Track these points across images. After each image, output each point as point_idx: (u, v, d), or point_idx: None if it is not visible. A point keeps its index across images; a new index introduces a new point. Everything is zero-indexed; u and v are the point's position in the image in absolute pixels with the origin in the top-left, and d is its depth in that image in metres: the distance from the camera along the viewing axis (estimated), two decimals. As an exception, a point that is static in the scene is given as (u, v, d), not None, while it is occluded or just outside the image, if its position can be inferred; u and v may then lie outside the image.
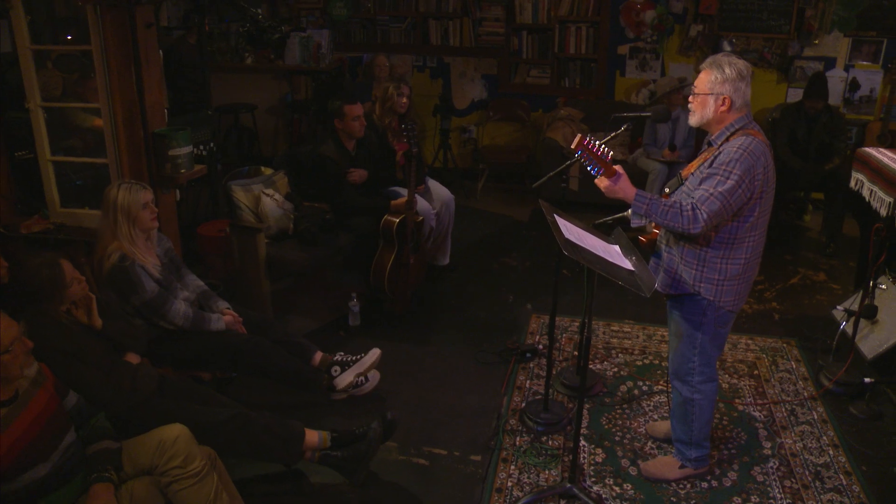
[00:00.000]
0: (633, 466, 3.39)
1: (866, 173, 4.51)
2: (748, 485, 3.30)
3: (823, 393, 3.98)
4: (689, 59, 6.88)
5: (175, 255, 3.64)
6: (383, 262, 4.53)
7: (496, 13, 7.03)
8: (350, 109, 4.54)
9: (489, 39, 7.13)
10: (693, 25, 6.68)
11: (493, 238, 6.24)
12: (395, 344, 4.35)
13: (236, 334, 3.57)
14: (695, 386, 3.11)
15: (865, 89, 6.58)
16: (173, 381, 3.10)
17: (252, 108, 7.27)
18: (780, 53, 6.61)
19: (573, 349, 4.42)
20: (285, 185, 4.69)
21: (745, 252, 2.90)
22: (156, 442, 2.44)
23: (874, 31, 6.41)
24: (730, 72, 2.83)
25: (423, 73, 7.37)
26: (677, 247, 2.98)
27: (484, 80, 7.36)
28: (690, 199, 2.78)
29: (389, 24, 7.24)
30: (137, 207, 3.30)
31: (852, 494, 3.26)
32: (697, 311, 2.98)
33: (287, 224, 4.48)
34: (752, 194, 2.79)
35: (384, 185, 4.92)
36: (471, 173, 7.42)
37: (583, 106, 7.05)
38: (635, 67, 7.03)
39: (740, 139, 2.80)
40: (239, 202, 4.39)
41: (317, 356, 3.76)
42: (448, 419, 3.72)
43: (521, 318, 4.80)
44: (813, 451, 3.54)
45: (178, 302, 3.44)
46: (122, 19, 3.49)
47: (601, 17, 6.88)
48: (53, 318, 2.74)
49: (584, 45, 7.03)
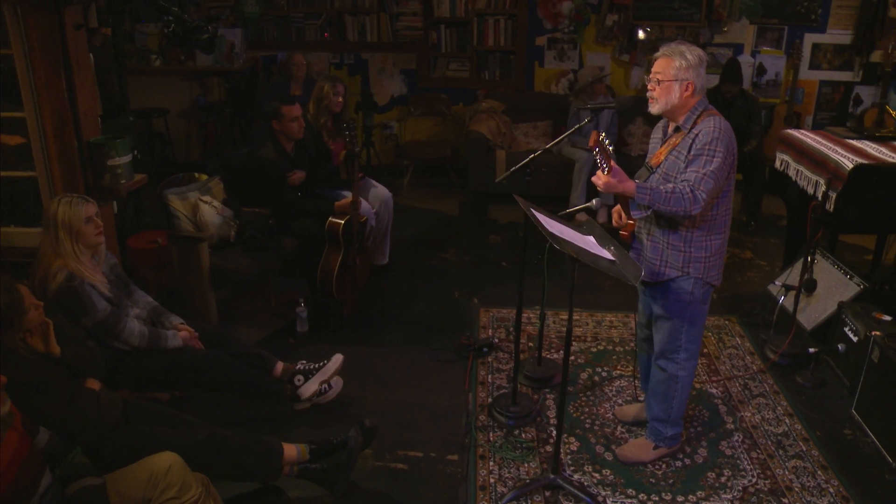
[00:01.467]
0: (608, 452, 3.43)
1: (791, 154, 4.73)
2: (719, 459, 3.40)
3: (771, 366, 4.15)
4: (605, 48, 7.03)
5: (121, 271, 3.43)
6: (330, 265, 4.41)
7: (414, 7, 6.97)
8: (288, 111, 4.40)
9: (407, 34, 7.07)
10: (609, 15, 6.83)
11: (426, 234, 6.19)
12: (349, 348, 4.23)
13: (194, 350, 3.40)
14: (680, 363, 3.18)
15: (771, 74, 6.91)
16: (137, 405, 2.92)
17: (164, 112, 6.94)
18: (692, 41, 6.81)
19: (527, 341, 4.43)
20: (221, 191, 4.50)
21: (723, 226, 3.05)
22: (146, 473, 2.28)
23: (777, 18, 6.73)
24: (691, 58, 2.91)
25: (341, 69, 7.23)
26: (662, 234, 3.04)
27: (403, 76, 7.29)
28: (685, 182, 2.84)
29: (304, 20, 7.06)
30: (80, 222, 3.09)
31: (813, 459, 3.42)
32: (685, 291, 3.06)
33: (228, 231, 4.30)
34: (730, 170, 2.90)
35: (323, 186, 4.79)
36: (394, 170, 7.35)
37: (503, 98, 7.09)
38: (553, 58, 7.13)
39: (710, 120, 2.90)
40: (176, 211, 4.17)
41: (278, 367, 3.62)
42: (417, 420, 3.66)
43: (469, 314, 4.79)
44: (771, 421, 3.69)
45: (132, 320, 3.24)
46: (48, 21, 3.24)
47: (519, 9, 6.93)
48: (9, 349, 2.52)
49: (502, 37, 7.07)
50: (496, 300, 4.97)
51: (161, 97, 7.02)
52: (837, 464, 3.39)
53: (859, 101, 6.95)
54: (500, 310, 4.82)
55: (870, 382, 3.62)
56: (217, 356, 3.40)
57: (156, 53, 6.99)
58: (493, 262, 5.64)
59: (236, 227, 4.28)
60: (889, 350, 3.47)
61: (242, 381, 3.43)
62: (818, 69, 6.90)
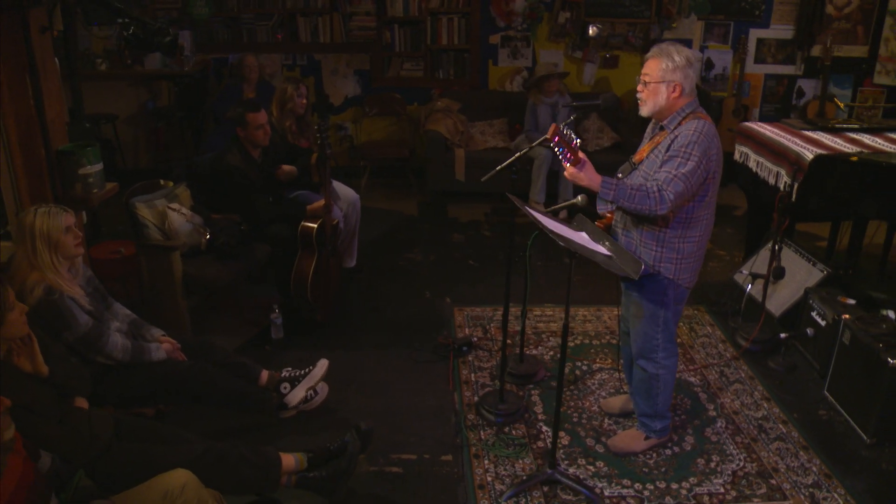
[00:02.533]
0: (599, 444, 3.47)
1: (750, 146, 4.87)
2: (706, 446, 3.48)
3: (743, 352, 4.27)
4: (558, 45, 7.11)
5: (98, 283, 3.31)
6: (304, 270, 4.34)
7: (367, 7, 6.91)
8: (253, 118, 4.31)
9: (361, 34, 7.01)
10: (561, 13, 6.91)
11: (389, 235, 6.16)
12: (328, 353, 4.16)
13: (178, 362, 3.30)
14: (659, 362, 3.23)
15: (719, 68, 7.10)
16: (127, 422, 2.82)
17: (112, 118, 6.72)
18: (643, 37, 6.99)
19: (504, 338, 4.44)
20: (189, 198, 4.38)
21: (699, 230, 3.04)
22: (160, 493, 2.21)
23: (723, 14, 6.92)
24: (679, 59, 2.92)
25: (294, 71, 7.13)
26: (636, 230, 3.07)
27: (357, 76, 7.23)
28: (654, 182, 2.86)
29: (255, 22, 6.93)
30: (59, 232, 2.97)
31: (794, 440, 3.53)
32: (658, 290, 3.09)
33: (199, 239, 4.18)
34: (707, 174, 2.92)
35: (294, 189, 4.72)
36: (350, 171, 7.28)
37: (458, 96, 7.11)
38: (507, 56, 7.18)
39: (693, 122, 2.91)
40: (144, 220, 4.04)
41: (263, 375, 3.56)
42: (406, 422, 3.64)
43: (443, 313, 4.78)
44: (750, 406, 3.80)
45: (115, 334, 3.13)
46: (11, 24, 3.10)
47: (472, 7, 6.95)
48: (-1, 369, 2.41)
49: (456, 35, 7.08)
50: (468, 299, 4.98)
51: (108, 102, 6.80)
52: (817, 443, 3.52)
53: (802, 93, 7.20)
54: (473, 308, 4.83)
55: (841, 364, 3.76)
56: (202, 367, 3.31)
57: (101, 57, 6.77)
58: (460, 260, 5.65)
59: (207, 234, 4.18)
60: (860, 332, 3.60)
61: (228, 392, 3.35)
62: (763, 63, 7.13)
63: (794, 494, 3.17)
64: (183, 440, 2.83)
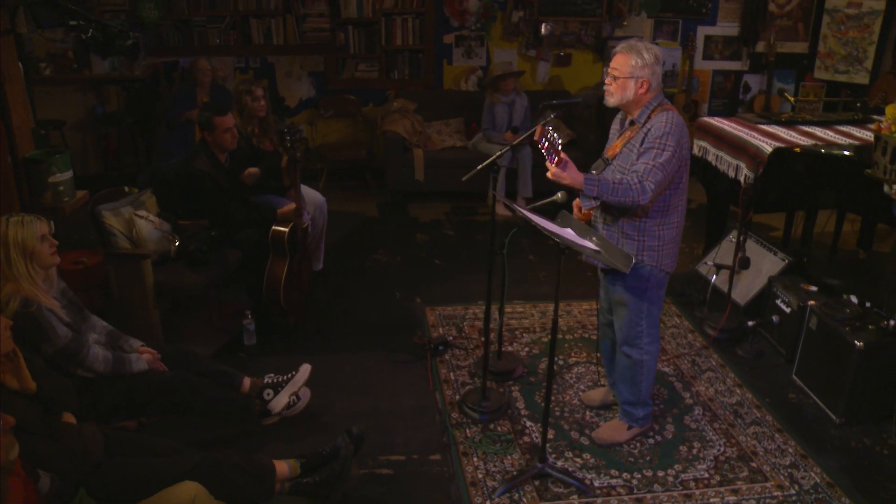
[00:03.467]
0: (584, 437, 3.53)
1: (709, 140, 5.01)
2: (686, 433, 3.57)
3: (712, 341, 4.39)
4: (512, 43, 7.18)
5: (72, 294, 3.21)
6: (277, 275, 4.29)
7: (320, 9, 6.85)
8: (221, 122, 4.23)
9: (315, 36, 6.94)
10: (514, 12, 6.97)
11: (352, 237, 6.13)
12: (303, 357, 4.09)
13: (159, 373, 3.23)
14: (644, 348, 3.31)
15: (668, 65, 7.26)
16: (116, 436, 2.75)
17: (59, 124, 6.51)
18: (595, 35, 7.11)
19: (479, 336, 4.48)
20: (155, 205, 4.28)
21: (677, 217, 3.16)
22: (169, 506, 2.16)
23: (672, 12, 7.09)
24: (648, 57, 3.03)
25: (247, 73, 7.02)
26: (616, 223, 3.15)
27: (311, 78, 7.17)
28: (634, 173, 2.95)
29: (206, 24, 6.80)
30: (35, 241, 2.88)
31: (768, 424, 3.65)
32: (642, 278, 3.17)
33: (168, 246, 4.09)
34: (681, 162, 3.04)
35: (260, 194, 4.66)
36: (306, 174, 7.18)
37: (414, 97, 7.10)
38: (461, 55, 7.21)
39: (664, 114, 3.03)
40: (112, 228, 3.94)
41: (245, 382, 3.50)
42: (390, 424, 3.63)
43: (415, 313, 4.79)
44: (724, 393, 3.91)
45: (94, 346, 3.04)
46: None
47: (426, 7, 6.96)
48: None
49: (410, 36, 7.08)
50: (438, 298, 4.99)
51: (55, 108, 6.58)
52: (790, 425, 3.65)
53: (748, 88, 7.43)
54: (445, 307, 4.84)
55: (808, 349, 3.90)
56: (184, 377, 3.25)
57: (44, 61, 6.55)
58: (426, 260, 5.66)
59: (176, 241, 4.09)
60: (826, 317, 3.75)
61: (212, 401, 3.29)
62: (711, 59, 7.33)
63: (775, 476, 3.28)
64: (175, 451, 2.78)
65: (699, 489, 3.19)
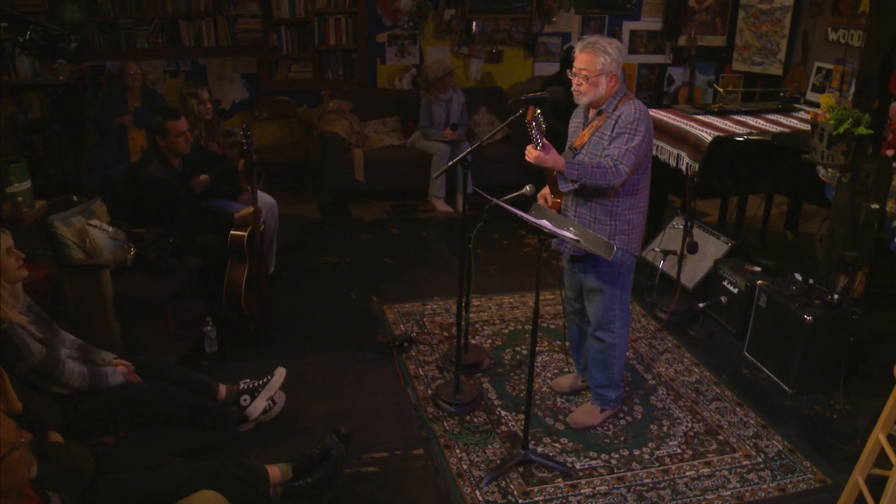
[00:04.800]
0: (559, 423, 3.63)
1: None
2: (654, 412, 3.73)
3: (665, 324, 4.58)
4: (444, 41, 7.24)
5: (39, 309, 3.09)
6: (237, 280, 4.23)
7: (252, 9, 6.73)
8: (174, 126, 4.14)
9: (247, 37, 6.82)
10: (446, 10, 7.04)
11: (297, 239, 6.07)
12: (268, 362, 4.06)
13: (136, 385, 3.14)
14: (616, 332, 3.44)
15: (596, 59, 7.47)
16: (104, 452, 2.68)
17: (-22, 133, 6.20)
18: (525, 31, 7.25)
19: (441, 331, 4.53)
20: (105, 214, 4.15)
21: (643, 201, 3.35)
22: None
23: (598, 8, 7.31)
24: (612, 51, 3.16)
25: (177, 77, 6.84)
26: (589, 210, 3.27)
27: (244, 80, 7.04)
28: (609, 157, 3.09)
29: (134, 27, 6.58)
30: (1, 255, 2.76)
31: (728, 398, 3.85)
32: (614, 263, 3.30)
33: (124, 255, 3.98)
34: (649, 148, 3.21)
35: (211, 199, 4.58)
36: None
37: (349, 96, 7.08)
38: (395, 54, 7.23)
39: (630, 103, 3.19)
40: (65, 239, 3.80)
41: (221, 390, 3.44)
42: (368, 422, 3.64)
43: (374, 312, 4.80)
44: (683, 372, 4.09)
45: (69, 361, 2.94)
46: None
47: (358, 7, 6.94)
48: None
49: (343, 35, 7.05)
50: (394, 296, 5.01)
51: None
52: (748, 399, 3.86)
53: (672, 80, 7.74)
54: (402, 305, 4.87)
55: (758, 326, 4.12)
56: (161, 387, 3.17)
57: (-41, 68, 6.22)
58: (374, 259, 5.67)
59: (132, 250, 3.98)
60: (775, 295, 3.97)
61: (191, 410, 3.23)
62: (636, 53, 7.59)
63: (741, 446, 3.47)
64: (166, 464, 2.72)
65: (674, 464, 3.34)
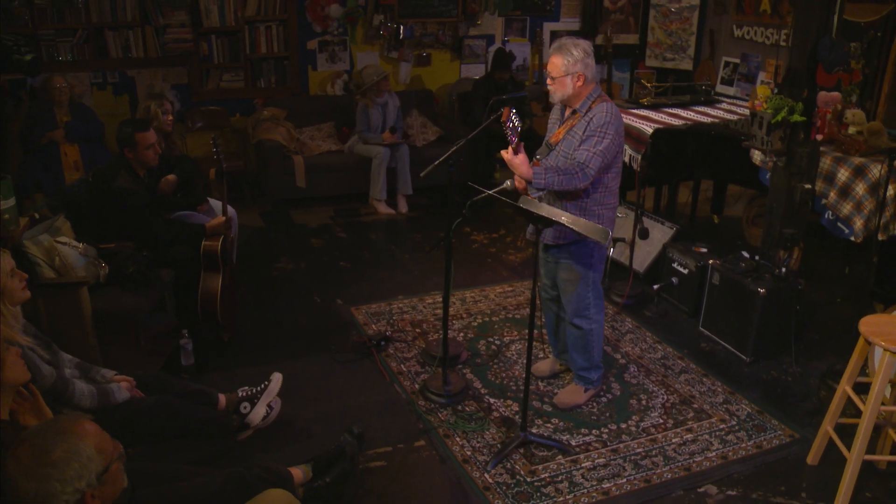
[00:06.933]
0: (546, 405, 3.84)
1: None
2: (631, 388, 3.99)
3: (621, 307, 4.86)
4: (374, 46, 7.35)
5: (35, 330, 3.04)
6: (212, 290, 4.23)
7: (181, 18, 6.63)
8: (143, 138, 4.10)
9: (176, 47, 6.71)
10: (375, 15, 7.15)
11: (247, 248, 6.02)
12: (248, 371, 4.11)
13: (141, 400, 3.14)
14: (592, 318, 3.66)
15: (520, 59, 7.75)
16: (133, 468, 2.66)
17: None
18: (452, 34, 7.46)
19: (413, 328, 4.65)
20: (70, 230, 4.06)
21: (613, 197, 3.56)
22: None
23: (520, 10, 7.59)
24: (577, 52, 3.36)
25: (105, 90, 6.66)
26: (559, 204, 3.47)
27: (175, 91, 6.92)
28: (575, 161, 3.30)
29: (56, 38, 6.36)
30: (5, 277, 2.72)
31: (694, 371, 4.16)
32: (587, 253, 3.53)
33: (96, 272, 3.91)
34: (618, 149, 3.42)
35: (175, 210, 4.54)
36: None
37: (282, 104, 7.07)
38: (326, 60, 7.28)
39: (603, 105, 3.39)
40: (35, 258, 3.70)
41: (221, 399, 3.47)
42: (364, 420, 3.72)
43: (342, 315, 4.87)
44: (648, 350, 4.38)
45: (77, 381, 2.91)
46: None
47: (288, 14, 6.96)
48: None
49: (275, 43, 7.04)
50: (358, 298, 5.09)
51: None
52: (711, 369, 4.18)
53: (592, 78, 8.10)
54: (369, 305, 4.97)
55: (712, 302, 4.46)
56: (166, 401, 3.17)
57: None
58: (329, 263, 5.72)
59: (104, 266, 3.92)
60: (727, 272, 4.31)
61: (196, 422, 3.25)
62: (558, 53, 7.91)
63: (715, 412, 3.77)
64: (194, 473, 2.75)
65: (660, 433, 3.61)
